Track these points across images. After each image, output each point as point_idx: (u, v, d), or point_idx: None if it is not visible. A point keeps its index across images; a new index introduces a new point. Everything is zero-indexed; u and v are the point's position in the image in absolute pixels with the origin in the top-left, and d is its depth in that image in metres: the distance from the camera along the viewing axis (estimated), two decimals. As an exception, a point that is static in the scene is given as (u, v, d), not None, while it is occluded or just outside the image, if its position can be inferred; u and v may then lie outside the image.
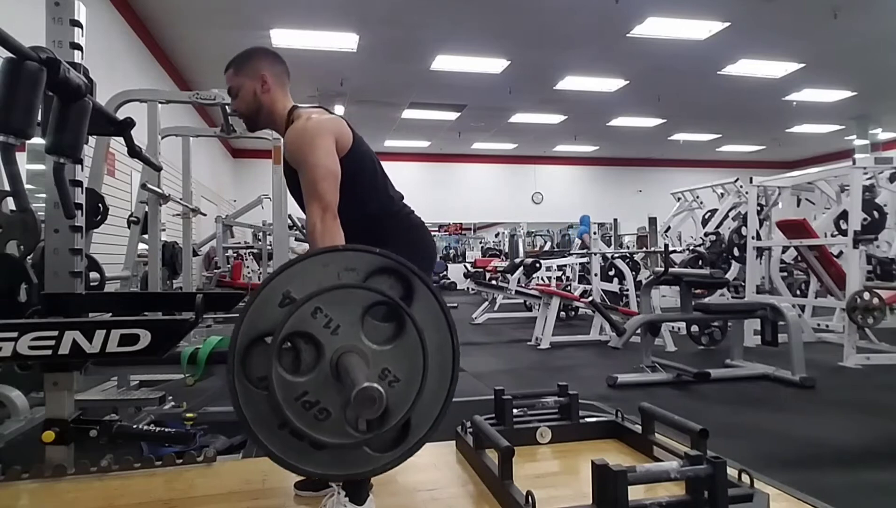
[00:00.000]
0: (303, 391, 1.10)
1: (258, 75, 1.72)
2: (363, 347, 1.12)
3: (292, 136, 1.64)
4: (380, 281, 1.15)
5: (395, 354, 1.13)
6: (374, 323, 1.15)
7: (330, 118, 1.70)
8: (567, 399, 2.30)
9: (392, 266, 1.17)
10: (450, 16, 6.45)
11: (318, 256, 1.16)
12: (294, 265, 1.14)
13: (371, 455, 1.15)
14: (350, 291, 1.13)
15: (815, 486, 1.92)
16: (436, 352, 1.16)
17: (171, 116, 4.29)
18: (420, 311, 1.16)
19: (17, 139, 1.39)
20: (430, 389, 1.16)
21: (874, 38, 7.14)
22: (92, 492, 1.79)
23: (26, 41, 1.41)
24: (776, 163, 15.09)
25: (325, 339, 1.11)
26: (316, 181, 1.56)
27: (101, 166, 2.93)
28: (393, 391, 1.13)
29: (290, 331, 1.10)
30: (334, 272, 1.13)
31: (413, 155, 14.17)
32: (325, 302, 1.11)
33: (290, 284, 1.11)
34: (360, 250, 1.19)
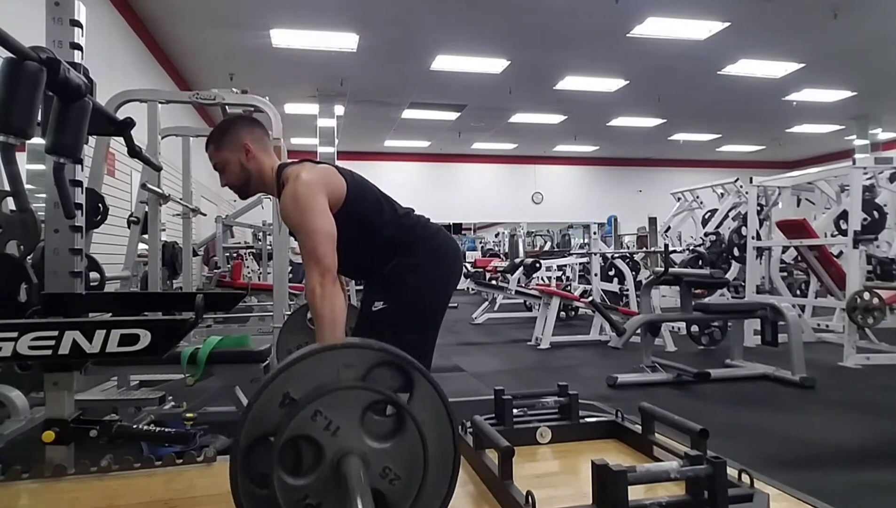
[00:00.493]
0: (304, 494, 1.11)
1: (240, 146, 1.73)
2: (363, 447, 1.12)
3: (286, 201, 1.65)
4: (380, 375, 1.16)
5: (395, 451, 1.14)
6: (374, 418, 1.15)
7: (318, 173, 1.70)
8: (567, 399, 2.29)
9: (391, 360, 1.17)
10: (450, 16, 6.45)
11: (316, 355, 1.16)
12: (293, 366, 1.14)
13: None
14: (348, 391, 1.13)
15: (815, 486, 1.92)
16: (436, 444, 1.16)
17: (171, 116, 4.29)
18: (420, 402, 1.17)
19: (17, 139, 1.39)
20: (431, 482, 1.17)
21: (874, 38, 7.14)
22: (92, 492, 1.79)
23: (26, 41, 1.41)
24: (776, 163, 15.09)
25: (325, 441, 1.11)
26: (314, 247, 1.58)
27: (101, 166, 2.93)
28: (394, 488, 1.13)
29: (291, 435, 1.11)
30: (333, 370, 1.13)
31: (413, 155, 14.17)
32: (325, 405, 1.11)
33: (289, 384, 1.12)
34: (358, 346, 1.20)
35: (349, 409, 1.12)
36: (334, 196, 1.69)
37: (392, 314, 1.75)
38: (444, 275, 1.89)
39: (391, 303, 1.75)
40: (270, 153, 1.81)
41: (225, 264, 7.95)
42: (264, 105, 3.09)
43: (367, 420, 1.14)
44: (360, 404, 1.13)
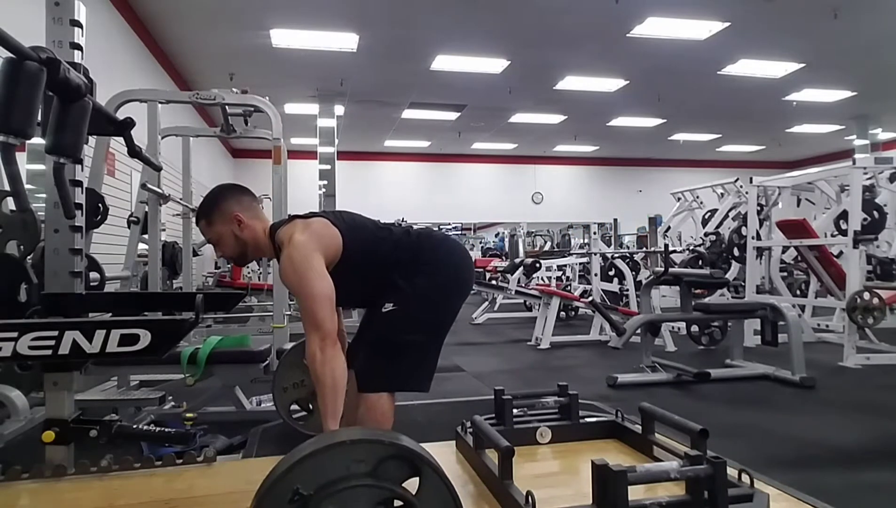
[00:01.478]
0: None
1: (231, 218, 1.75)
2: None
3: (283, 266, 1.68)
4: (389, 468, 1.17)
5: None
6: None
7: (312, 232, 1.70)
8: (567, 399, 2.30)
9: (401, 454, 1.19)
10: (450, 16, 6.45)
11: (326, 451, 1.16)
12: (303, 463, 1.15)
13: None
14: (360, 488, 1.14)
15: (815, 486, 1.92)
16: None
17: (171, 116, 4.29)
18: (428, 493, 1.18)
19: (17, 139, 1.39)
20: None
21: (874, 38, 7.14)
22: (92, 492, 1.79)
23: (26, 41, 1.41)
24: (776, 163, 15.09)
25: None
26: (313, 311, 1.59)
27: (101, 166, 2.93)
28: None
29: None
30: (344, 465, 1.14)
31: (413, 155, 14.17)
32: (335, 501, 1.11)
33: (298, 480, 1.12)
34: (367, 441, 1.20)
35: (360, 504, 1.12)
36: (331, 251, 1.70)
37: (400, 315, 1.75)
38: (454, 279, 1.88)
39: (400, 304, 1.76)
40: (261, 217, 1.82)
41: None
42: (264, 105, 3.10)
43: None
44: (371, 500, 1.13)
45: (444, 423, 2.46)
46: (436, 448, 2.19)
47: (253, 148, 12.34)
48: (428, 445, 2.32)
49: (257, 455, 2.26)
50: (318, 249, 1.66)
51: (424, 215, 14.09)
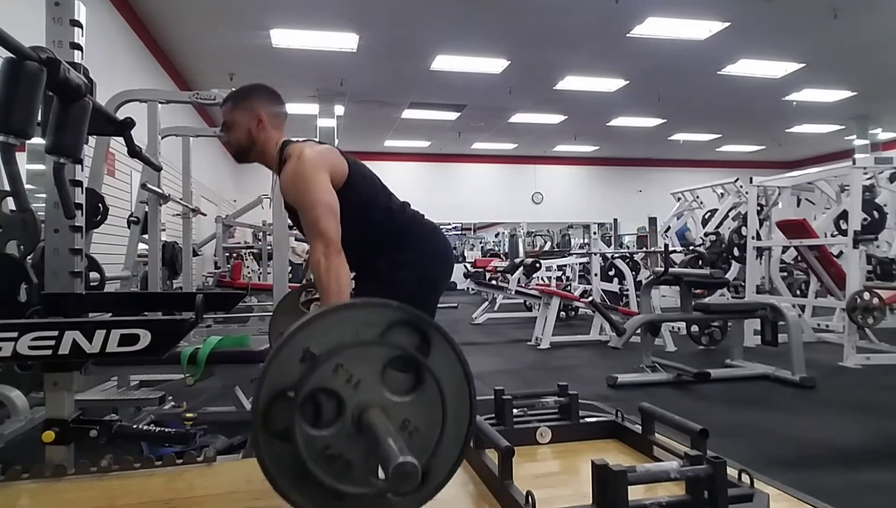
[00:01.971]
0: (326, 444, 1.14)
1: (255, 113, 1.73)
2: (384, 401, 1.15)
3: (287, 177, 1.66)
4: (398, 333, 1.18)
5: (414, 405, 1.16)
6: (394, 374, 1.18)
7: (322, 151, 1.70)
8: (567, 399, 2.29)
9: (410, 319, 1.20)
10: (450, 16, 6.45)
11: (336, 313, 1.18)
12: (314, 323, 1.16)
13: (393, 499, 1.18)
14: (369, 347, 1.15)
15: (815, 486, 1.92)
16: (453, 400, 1.20)
17: (171, 116, 4.29)
18: (437, 360, 1.19)
19: (17, 139, 1.39)
20: (448, 436, 1.20)
21: (874, 38, 7.14)
22: (92, 492, 1.79)
23: (26, 41, 1.41)
24: (776, 163, 15.08)
25: (346, 394, 1.14)
26: (317, 220, 1.58)
27: (101, 166, 2.93)
28: (413, 441, 1.16)
29: (313, 388, 1.13)
30: (353, 328, 1.15)
31: (413, 155, 14.17)
32: (346, 359, 1.14)
33: (309, 341, 1.14)
34: (377, 304, 1.21)
35: (370, 364, 1.14)
36: (336, 176, 1.69)
37: None
38: (436, 274, 1.89)
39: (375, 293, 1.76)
40: (281, 130, 1.80)
41: (225, 264, 7.96)
42: (264, 105, 3.09)
43: (387, 376, 1.16)
44: (380, 359, 1.15)
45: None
46: (436, 448, 2.20)
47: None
48: (428, 445, 2.32)
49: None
50: (325, 168, 1.66)
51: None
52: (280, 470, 1.14)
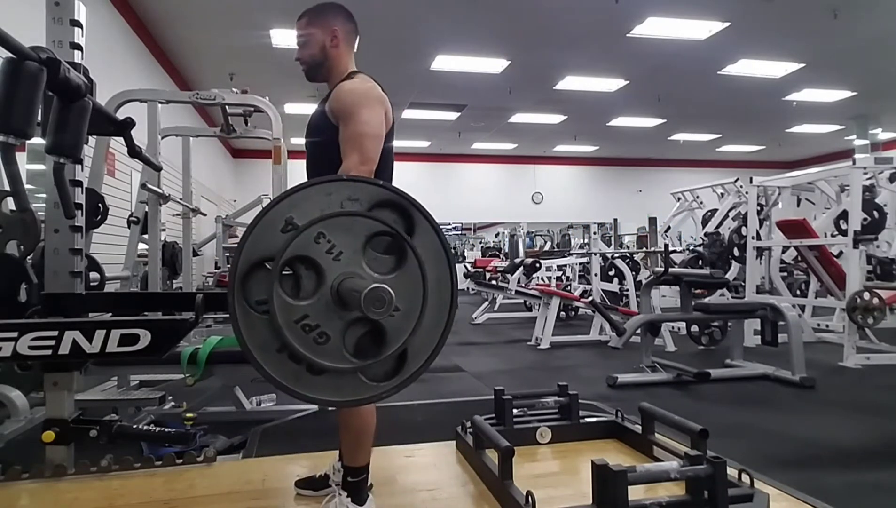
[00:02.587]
0: (303, 314, 1.11)
1: (330, 29, 1.73)
2: (364, 274, 1.13)
3: (349, 86, 1.61)
4: (383, 214, 1.16)
5: (395, 284, 1.13)
6: (375, 255, 1.16)
7: (385, 100, 1.68)
8: (567, 399, 2.30)
9: (395, 200, 1.18)
10: (450, 16, 6.44)
11: (322, 184, 1.16)
12: (298, 192, 1.14)
13: (367, 383, 1.16)
14: (354, 218, 1.14)
15: (815, 486, 1.92)
16: (435, 285, 1.17)
17: (171, 116, 4.29)
18: (421, 245, 1.17)
19: (17, 139, 1.39)
20: (428, 321, 1.17)
21: (874, 38, 7.14)
22: (92, 492, 1.79)
23: (26, 41, 1.41)
24: (776, 163, 15.08)
25: (326, 264, 1.12)
26: (363, 135, 1.52)
27: (101, 166, 2.93)
28: (392, 320, 1.14)
29: (293, 255, 1.11)
30: (337, 201, 1.14)
31: (413, 155, 14.16)
32: (329, 228, 1.12)
33: (292, 210, 1.12)
34: (364, 180, 1.20)
35: (352, 236, 1.13)
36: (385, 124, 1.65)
37: None
38: None
39: None
40: (352, 53, 1.80)
41: (225, 264, 7.95)
42: (264, 105, 3.10)
43: (368, 252, 1.15)
44: (363, 232, 1.14)
45: (444, 423, 2.46)
46: (436, 448, 2.20)
47: (253, 148, 12.33)
48: (428, 445, 2.33)
49: (257, 455, 2.27)
50: (384, 109, 1.63)
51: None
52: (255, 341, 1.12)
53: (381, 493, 1.77)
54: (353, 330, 1.15)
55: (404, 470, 2.01)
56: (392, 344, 1.15)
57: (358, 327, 1.15)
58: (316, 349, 1.11)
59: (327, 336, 1.11)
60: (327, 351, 1.12)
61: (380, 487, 1.82)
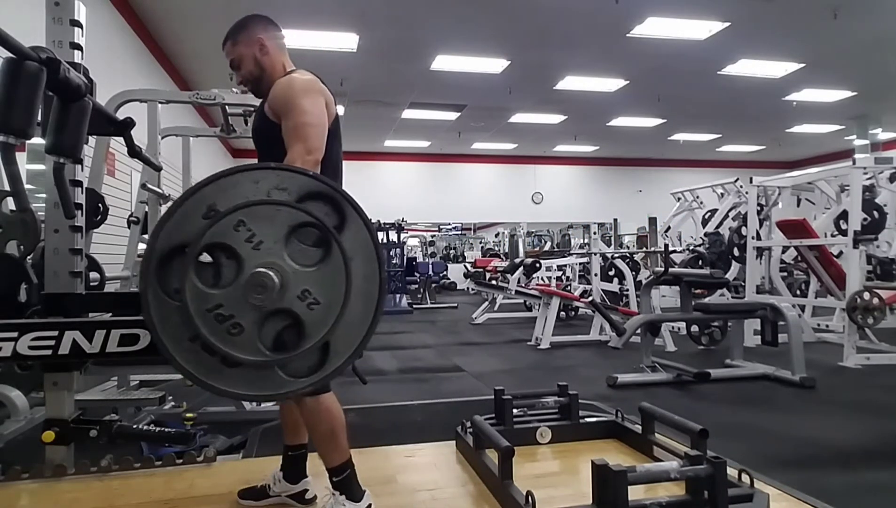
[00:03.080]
0: (217, 303, 1.08)
1: (255, 41, 1.73)
2: (284, 265, 1.10)
3: (286, 82, 1.60)
4: (313, 205, 1.13)
5: (317, 276, 1.11)
6: (301, 246, 1.13)
7: (325, 88, 1.67)
8: (567, 399, 2.30)
9: (326, 191, 1.15)
10: (450, 16, 6.44)
11: (249, 172, 1.13)
12: (222, 179, 1.10)
13: (285, 378, 1.13)
14: (276, 208, 1.10)
15: (815, 486, 1.92)
16: (362, 282, 1.15)
17: (171, 116, 4.28)
18: (350, 240, 1.14)
19: (17, 139, 1.39)
20: (352, 316, 1.14)
21: (874, 38, 7.13)
22: (92, 492, 1.79)
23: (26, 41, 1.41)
24: (776, 163, 15.08)
25: (245, 253, 1.08)
26: (305, 125, 1.49)
27: (101, 166, 2.93)
28: (311, 313, 1.11)
29: (210, 242, 1.08)
30: (265, 190, 1.11)
31: (413, 155, 14.17)
32: (250, 216, 1.08)
33: (216, 197, 1.09)
34: (293, 170, 1.17)
35: (275, 226, 1.10)
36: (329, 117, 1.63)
37: None
38: None
39: None
40: (285, 53, 1.78)
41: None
42: (264, 105, 3.09)
43: (292, 243, 1.12)
44: (286, 222, 1.11)
45: (444, 423, 2.46)
46: (436, 448, 2.20)
47: (253, 148, 12.25)
48: (428, 445, 2.33)
49: (257, 455, 2.27)
50: (324, 98, 1.61)
51: (424, 214, 14.11)
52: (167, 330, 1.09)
53: (381, 493, 1.77)
54: (272, 323, 1.11)
55: (404, 470, 2.01)
56: (311, 338, 1.12)
57: (278, 319, 1.12)
58: (229, 339, 1.07)
59: (241, 327, 1.08)
60: (241, 343, 1.08)
61: (380, 487, 1.82)
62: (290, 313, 1.10)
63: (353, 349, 1.16)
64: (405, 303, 9.52)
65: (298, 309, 1.10)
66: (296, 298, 1.10)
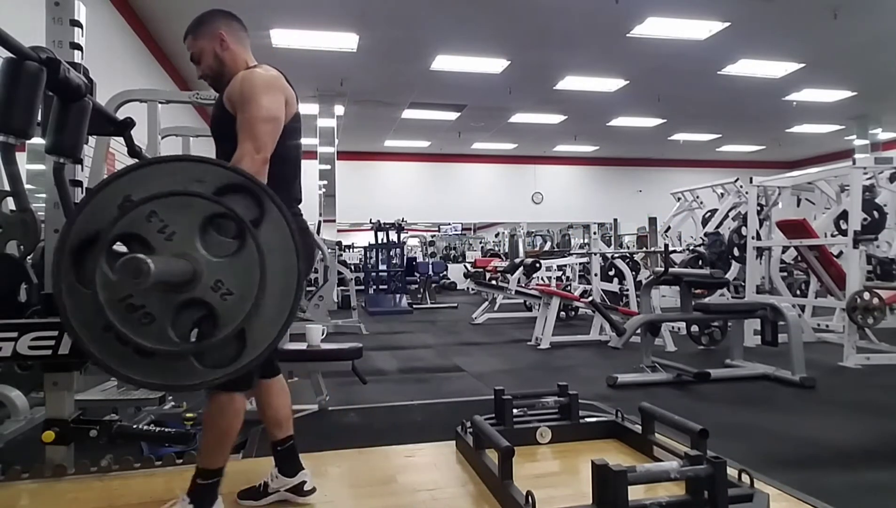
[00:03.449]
0: (127, 293, 1.07)
1: (216, 35, 1.71)
2: (197, 256, 1.10)
3: (246, 75, 1.58)
4: (232, 199, 1.13)
5: (231, 267, 1.11)
6: (219, 238, 1.13)
7: (286, 85, 1.66)
8: (567, 399, 2.30)
9: (244, 184, 1.15)
10: (450, 16, 6.45)
11: (166, 163, 1.14)
12: (138, 170, 1.11)
13: (200, 368, 1.13)
14: (190, 199, 1.10)
15: (815, 486, 1.92)
16: (279, 275, 1.14)
17: (171, 116, 4.28)
18: (269, 233, 1.14)
19: (17, 139, 1.39)
20: (268, 309, 1.14)
21: (874, 38, 7.14)
22: (92, 492, 1.79)
23: (26, 41, 1.41)
24: (776, 163, 15.09)
25: (157, 244, 1.09)
26: (257, 121, 1.47)
27: (101, 166, 2.93)
28: (224, 303, 1.11)
29: (122, 232, 1.08)
30: (181, 182, 1.11)
31: (413, 155, 14.17)
32: (162, 207, 1.08)
33: (132, 188, 1.09)
34: (210, 162, 1.17)
35: (188, 217, 1.10)
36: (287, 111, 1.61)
37: None
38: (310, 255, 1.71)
39: None
40: (247, 49, 1.77)
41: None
42: (264, 105, 3.09)
43: (208, 234, 1.12)
44: (200, 213, 1.11)
45: (444, 423, 2.46)
46: (436, 448, 2.20)
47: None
48: (428, 445, 2.33)
49: (257, 455, 2.27)
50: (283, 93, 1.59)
51: (424, 214, 14.12)
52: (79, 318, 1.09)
53: (381, 493, 1.77)
54: (186, 313, 1.11)
55: (404, 470, 2.01)
56: (224, 328, 1.11)
57: (193, 310, 1.12)
58: (140, 329, 1.08)
59: (152, 317, 1.08)
60: (152, 332, 1.08)
61: (380, 487, 1.82)
62: (203, 303, 1.10)
63: (269, 342, 1.16)
64: (405, 303, 9.52)
65: (211, 299, 1.10)
66: (209, 288, 1.10)
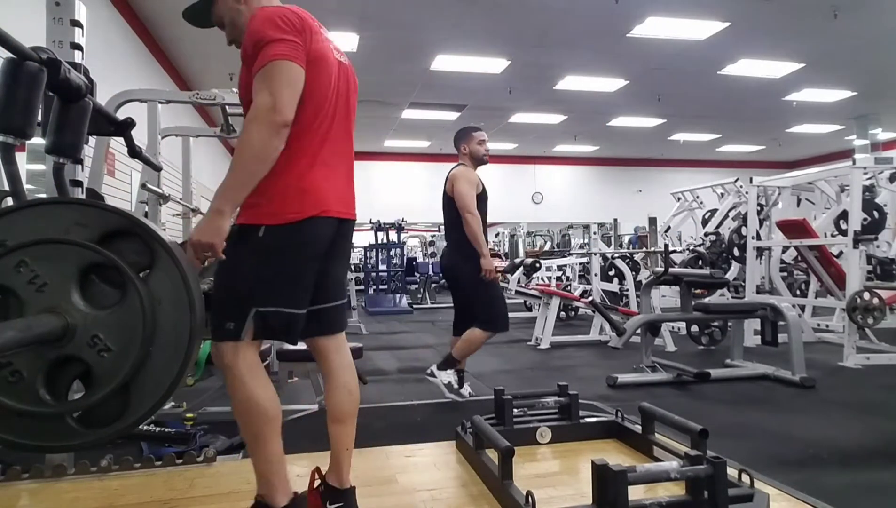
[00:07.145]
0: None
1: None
2: (72, 309, 1.01)
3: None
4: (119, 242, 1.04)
5: (109, 321, 1.03)
6: (103, 287, 1.04)
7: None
8: (567, 399, 2.30)
9: (131, 229, 1.05)
10: (450, 16, 6.44)
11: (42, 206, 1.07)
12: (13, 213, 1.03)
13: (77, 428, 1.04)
14: (63, 246, 1.01)
15: (815, 486, 1.92)
16: (170, 328, 1.05)
17: (171, 116, 4.29)
18: (159, 281, 1.05)
19: (17, 139, 1.39)
20: (155, 364, 1.05)
21: (874, 38, 7.14)
22: (92, 492, 1.79)
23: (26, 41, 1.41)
24: (776, 163, 15.09)
25: (28, 296, 1.00)
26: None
27: (101, 166, 2.92)
28: (102, 360, 1.02)
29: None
30: (62, 226, 1.03)
31: (413, 155, 14.17)
32: (32, 256, 1.00)
33: (8, 232, 1.01)
34: (93, 205, 1.09)
35: (63, 266, 1.02)
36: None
37: None
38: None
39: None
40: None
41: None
42: (264, 105, 3.08)
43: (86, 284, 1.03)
44: (76, 262, 1.02)
45: (444, 423, 2.46)
46: (436, 448, 2.20)
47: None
48: (428, 445, 2.33)
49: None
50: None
51: (424, 215, 14.07)
52: None
53: (382, 493, 1.77)
54: (62, 370, 1.02)
55: (404, 470, 2.01)
56: (102, 387, 1.01)
57: (70, 367, 1.03)
58: (7, 388, 0.99)
59: (20, 375, 1.00)
60: (20, 392, 0.99)
61: (380, 487, 1.82)
62: (78, 359, 1.01)
63: (157, 399, 1.07)
64: (405, 303, 9.51)
65: (87, 356, 1.01)
66: (85, 344, 1.01)
